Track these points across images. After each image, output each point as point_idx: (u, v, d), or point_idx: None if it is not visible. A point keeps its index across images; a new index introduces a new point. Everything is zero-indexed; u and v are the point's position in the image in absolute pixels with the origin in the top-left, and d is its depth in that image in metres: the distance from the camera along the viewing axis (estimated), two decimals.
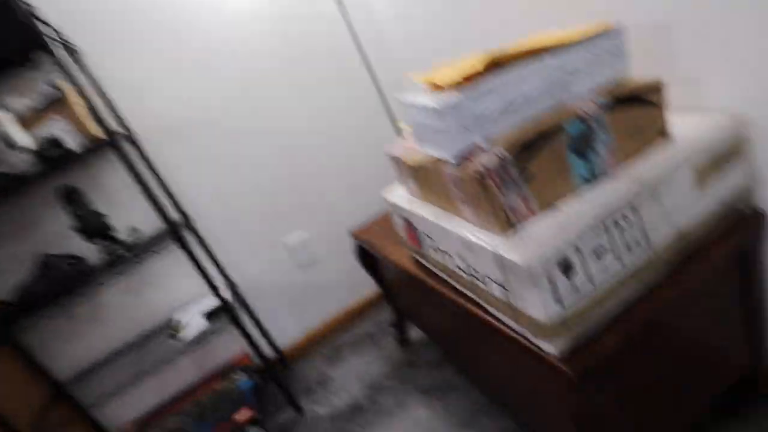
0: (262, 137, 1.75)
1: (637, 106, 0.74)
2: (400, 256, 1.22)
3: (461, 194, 0.75)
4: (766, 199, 0.84)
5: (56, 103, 1.30)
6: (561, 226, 0.67)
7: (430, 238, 0.95)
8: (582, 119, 0.71)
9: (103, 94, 1.47)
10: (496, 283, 0.75)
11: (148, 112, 1.58)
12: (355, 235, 1.53)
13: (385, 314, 1.99)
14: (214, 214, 1.72)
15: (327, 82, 1.81)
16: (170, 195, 1.60)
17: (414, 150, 0.90)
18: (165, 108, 1.60)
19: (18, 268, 1.44)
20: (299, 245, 1.86)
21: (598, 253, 0.69)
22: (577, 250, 0.67)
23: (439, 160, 0.78)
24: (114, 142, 1.26)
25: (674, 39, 0.84)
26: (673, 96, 0.84)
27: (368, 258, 1.59)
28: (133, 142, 1.51)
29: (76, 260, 1.42)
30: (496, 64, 0.70)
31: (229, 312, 1.47)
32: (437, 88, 0.73)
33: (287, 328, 1.93)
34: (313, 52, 1.76)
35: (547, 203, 0.72)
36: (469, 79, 0.69)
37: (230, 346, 1.84)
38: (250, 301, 1.83)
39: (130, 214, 1.57)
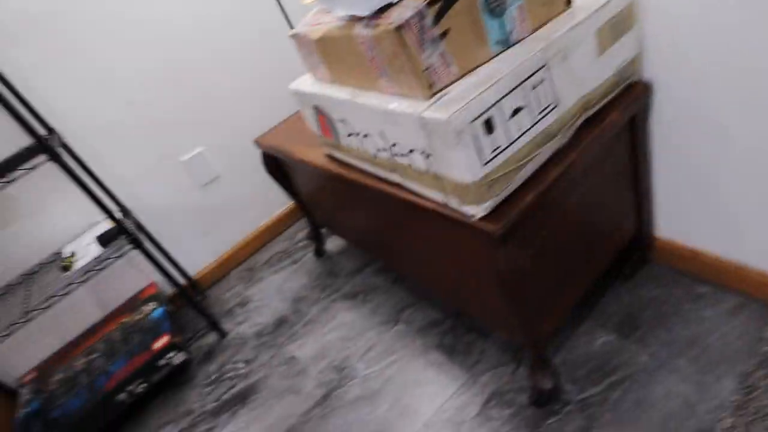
0: (142, 42, 1.52)
1: None
2: (314, 157, 1.18)
3: (378, 59, 0.71)
4: (652, 69, 0.91)
5: None
6: (481, 86, 0.67)
7: (346, 123, 0.91)
8: None
9: None
10: (419, 152, 0.74)
11: None
12: (260, 143, 1.43)
13: (298, 231, 1.97)
14: (91, 132, 1.50)
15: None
16: (28, 107, 1.36)
17: (320, 23, 0.83)
18: None
19: None
20: (198, 164, 1.72)
21: (516, 113, 0.70)
22: (499, 108, 0.67)
23: (350, 26, 0.73)
24: None
25: None
26: None
27: (278, 168, 1.52)
28: None
29: None
30: None
31: (127, 233, 1.33)
32: None
33: (196, 255, 1.82)
34: None
35: (465, 67, 0.71)
36: None
37: (133, 280, 1.71)
38: (151, 228, 1.68)
39: None
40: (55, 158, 1.19)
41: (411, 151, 0.76)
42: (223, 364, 1.52)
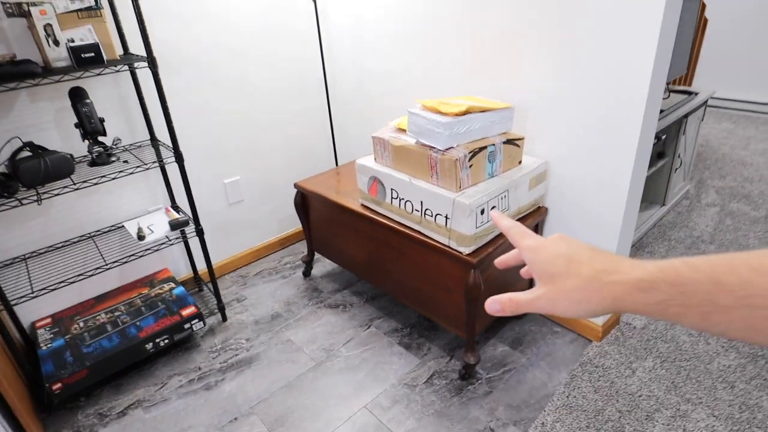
0: (235, 101, 2.22)
1: (512, 145, 1.66)
2: (350, 203, 1.95)
3: (436, 168, 1.55)
4: (549, 201, 1.87)
5: (91, 12, 1.61)
6: (481, 193, 1.54)
7: (394, 191, 1.72)
8: (494, 145, 1.59)
9: (140, 18, 1.72)
10: (444, 216, 1.57)
11: (173, 42, 1.98)
12: (299, 185, 2.17)
13: (284, 256, 2.64)
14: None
15: (291, 84, 2.39)
16: (168, 119, 1.96)
17: (399, 138, 1.66)
18: (182, 42, 2.01)
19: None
20: (234, 187, 2.37)
21: (492, 208, 1.58)
22: (486, 204, 1.54)
23: (424, 148, 1.57)
24: (131, 65, 1.66)
25: (530, 120, 1.81)
26: (526, 146, 1.81)
27: (303, 204, 2.24)
28: (152, 65, 1.74)
29: (69, 155, 1.70)
30: (468, 111, 1.52)
31: (197, 225, 1.94)
32: (438, 112, 1.52)
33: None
34: (288, 58, 2.33)
35: (475, 182, 1.58)
36: (457, 114, 1.50)
37: (151, 262, 2.24)
38: None
39: (110, 127, 1.89)
40: (179, 160, 1.82)
41: (438, 214, 1.59)
42: (227, 339, 2.10)
